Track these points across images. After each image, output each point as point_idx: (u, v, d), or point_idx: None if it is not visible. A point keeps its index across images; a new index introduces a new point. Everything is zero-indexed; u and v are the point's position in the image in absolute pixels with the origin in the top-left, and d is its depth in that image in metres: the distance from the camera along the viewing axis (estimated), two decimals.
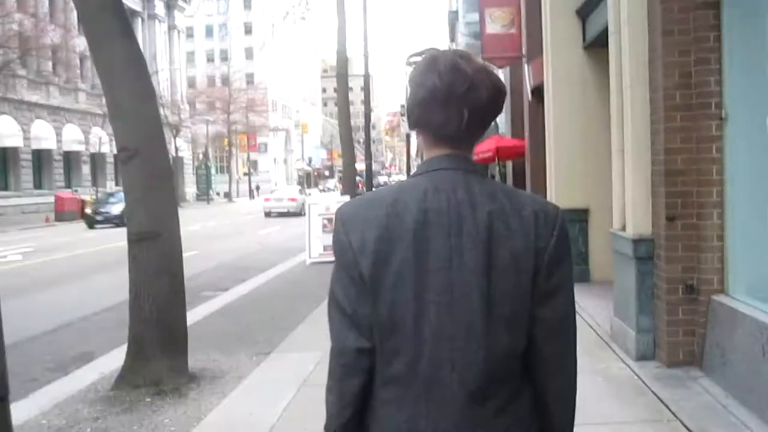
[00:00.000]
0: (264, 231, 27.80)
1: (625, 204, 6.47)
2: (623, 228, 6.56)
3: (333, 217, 11.30)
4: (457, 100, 1.60)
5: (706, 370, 5.67)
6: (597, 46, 10.25)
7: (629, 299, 6.33)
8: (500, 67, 16.96)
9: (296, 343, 7.93)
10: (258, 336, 8.37)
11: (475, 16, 48.98)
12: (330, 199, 16.21)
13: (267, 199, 41.89)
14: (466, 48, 62.62)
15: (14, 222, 39.54)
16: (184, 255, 7.00)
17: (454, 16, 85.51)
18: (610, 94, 9.03)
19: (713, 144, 5.66)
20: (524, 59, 15.10)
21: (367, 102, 25.20)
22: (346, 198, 15.68)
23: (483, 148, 19.40)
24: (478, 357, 1.55)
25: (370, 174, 25.14)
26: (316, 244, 15.30)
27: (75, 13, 53.38)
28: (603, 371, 6.11)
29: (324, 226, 15.29)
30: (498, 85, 1.65)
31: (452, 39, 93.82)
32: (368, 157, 25.45)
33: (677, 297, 5.81)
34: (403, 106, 53.77)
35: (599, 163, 10.36)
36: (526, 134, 15.54)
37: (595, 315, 8.36)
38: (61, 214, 40.90)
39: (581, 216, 10.53)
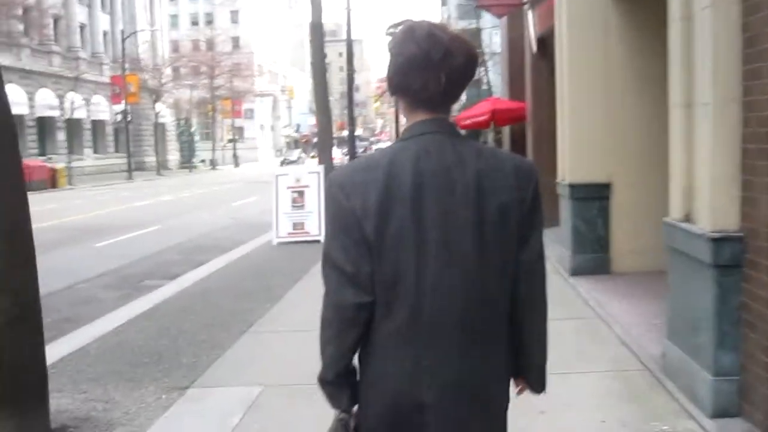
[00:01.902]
0: (238, 202, 25.66)
1: (694, 183, 4.40)
2: (688, 218, 4.50)
3: (303, 190, 8.91)
4: (435, 66, 1.75)
5: None
6: None
7: (700, 323, 4.29)
8: (498, 15, 14.85)
9: (229, 369, 5.88)
10: (182, 355, 6.31)
11: None
12: (301, 171, 14.07)
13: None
14: (458, 9, 60.33)
15: None
16: (144, 230, 4.87)
17: None
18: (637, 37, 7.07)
19: None
20: (526, 6, 12.95)
21: (349, 61, 23.10)
22: (320, 168, 13.57)
23: (477, 112, 17.29)
24: (474, 301, 1.77)
25: (352, 140, 23.13)
26: (284, 222, 13.21)
27: None
28: None
29: (294, 200, 13.19)
30: (472, 51, 1.82)
31: (443, 2, 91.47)
32: (351, 122, 23.39)
33: None
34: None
35: (625, 128, 8.32)
36: (528, 95, 13.43)
37: (629, 327, 6.34)
38: (29, 183, 38.31)
39: (601, 193, 8.47)
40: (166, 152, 69.18)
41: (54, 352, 6.68)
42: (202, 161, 76.70)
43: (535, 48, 11.88)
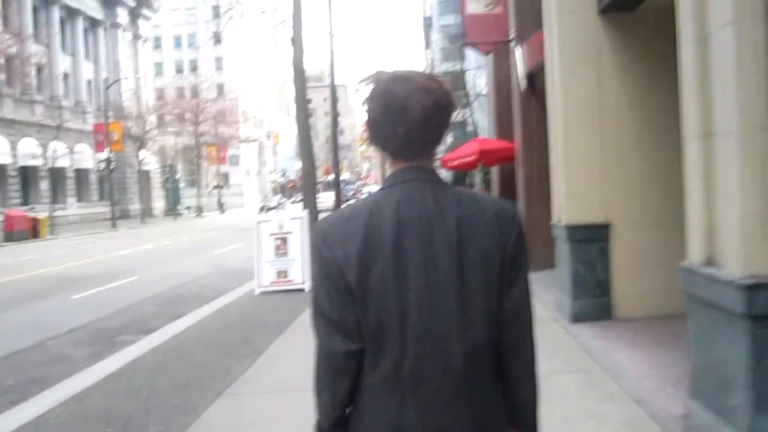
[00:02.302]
0: (221, 250, 25.06)
1: (717, 222, 3.92)
2: (711, 262, 4.00)
3: (286, 237, 8.40)
4: (392, 121, 1.77)
5: None
6: (617, 9, 7.79)
7: (732, 382, 3.78)
8: (485, 53, 14.49)
9: None
10: (151, 422, 5.71)
11: (450, 19, 46.72)
12: (283, 217, 13.54)
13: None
14: (441, 53, 60.45)
15: None
16: (123, 281, 4.42)
17: (428, 23, 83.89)
18: (635, 68, 6.71)
19: None
20: (513, 42, 12.63)
21: (333, 105, 22.75)
22: (304, 213, 13.05)
23: (464, 152, 16.91)
24: (457, 350, 1.73)
25: (338, 184, 22.69)
26: (266, 270, 12.64)
27: (30, 19, 50.86)
28: None
29: (277, 248, 12.65)
30: (438, 102, 1.78)
31: (427, 45, 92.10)
32: (336, 166, 22.97)
33: None
34: None
35: (623, 164, 7.89)
36: (517, 134, 13.04)
37: (639, 381, 5.80)
38: (10, 233, 37.80)
39: (600, 234, 8.00)
40: (151, 199, 68.65)
41: (12, 420, 6.11)
42: (188, 208, 76.14)
43: (524, 85, 11.51)
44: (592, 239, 7.94)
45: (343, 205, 2.12)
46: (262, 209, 59.19)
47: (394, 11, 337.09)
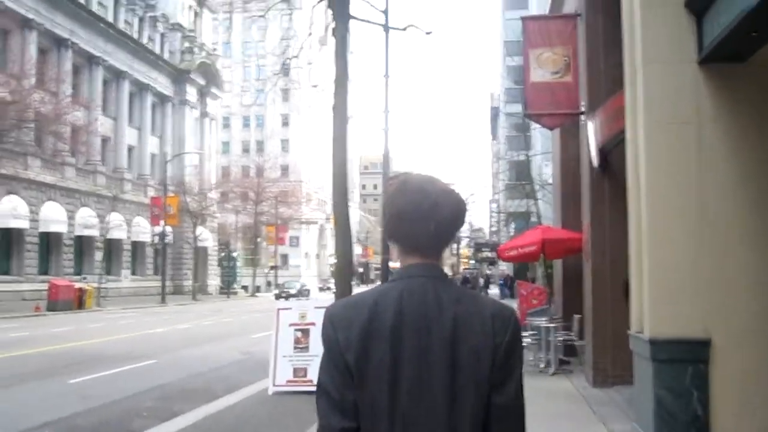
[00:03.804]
0: (259, 334, 23.27)
1: None
2: None
3: (308, 328, 6.38)
4: (424, 217, 1.89)
5: None
6: (724, 59, 5.96)
7: None
8: (550, 127, 12.74)
9: None
10: None
11: (517, 107, 45.58)
12: (306, 305, 11.78)
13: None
14: (507, 141, 59.24)
15: (2, 309, 35.75)
16: (137, 364, 2.85)
17: (495, 113, 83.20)
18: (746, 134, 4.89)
19: None
20: (583, 117, 10.86)
21: (384, 182, 21.28)
22: (330, 298, 11.24)
23: (523, 242, 14.99)
24: None
25: (385, 270, 21.12)
26: (283, 366, 10.80)
27: (100, 92, 51.50)
28: None
29: (296, 340, 10.83)
30: (460, 203, 1.96)
31: (494, 136, 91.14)
32: (385, 250, 21.35)
33: None
34: None
35: (729, 261, 5.91)
36: (586, 223, 11.13)
37: None
38: (54, 303, 36.96)
39: (697, 353, 5.96)
40: (206, 276, 67.90)
41: None
42: (243, 287, 75.15)
43: (596, 162, 9.64)
44: (685, 360, 5.91)
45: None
46: (278, 296, 54.90)
47: (461, 101, 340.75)
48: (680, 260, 5.99)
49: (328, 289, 67.61)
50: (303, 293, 54.66)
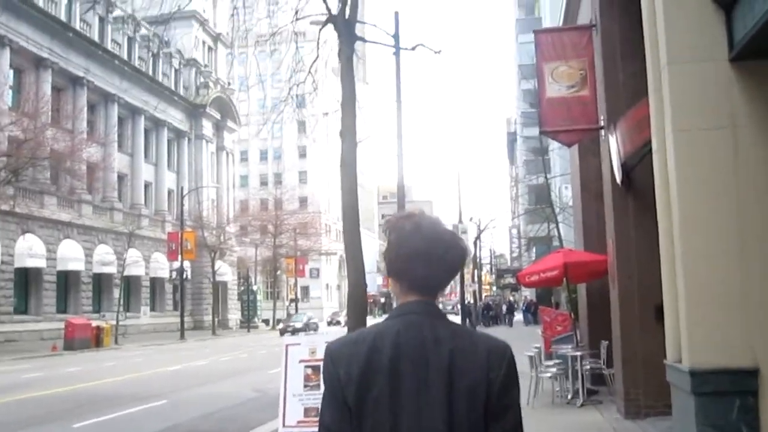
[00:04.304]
0: (274, 370, 22.67)
1: None
2: None
3: (318, 364, 5.72)
4: (437, 259, 1.98)
5: None
6: (757, 54, 5.37)
7: None
8: (567, 144, 12.13)
9: None
10: None
11: (534, 131, 44.95)
12: (317, 340, 11.12)
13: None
14: (525, 166, 58.56)
15: (20, 350, 35.40)
16: (145, 405, 2.45)
17: (512, 138, 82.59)
18: None
19: None
20: (603, 131, 10.26)
21: (400, 207, 20.70)
22: (341, 333, 10.59)
23: (545, 266, 14.32)
24: None
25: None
26: (293, 406, 10.02)
27: (116, 128, 51.48)
28: None
29: (307, 378, 10.03)
30: (466, 249, 2.11)
31: (511, 161, 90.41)
32: None
33: None
34: (455, 227, 49.45)
35: None
36: (610, 242, 10.47)
37: None
38: (71, 341, 36.52)
39: (744, 384, 5.27)
40: (227, 311, 67.44)
41: None
42: (264, 321, 74.57)
43: (619, 177, 9.01)
44: (731, 392, 5.23)
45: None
46: (283, 331, 48.47)
47: (478, 126, 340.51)
48: (720, 279, 5.33)
49: (338, 323, 65.58)
50: (310, 327, 50.76)
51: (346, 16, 12.57)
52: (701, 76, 5.57)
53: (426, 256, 1.96)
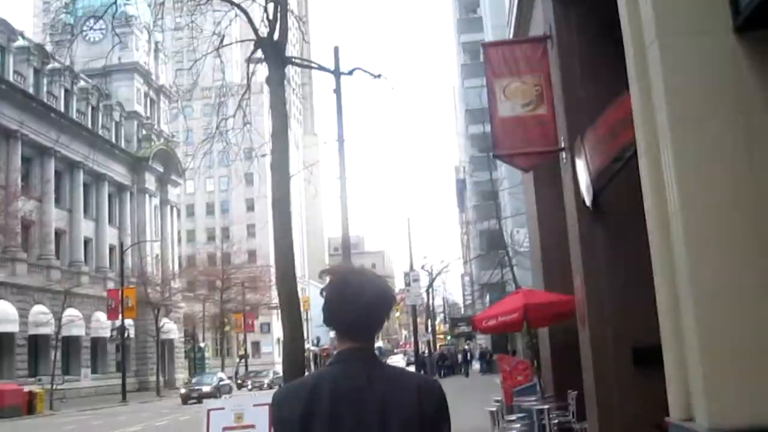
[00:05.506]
0: None
1: None
2: None
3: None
4: (347, 305, 2.21)
5: None
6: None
7: None
8: (524, 168, 10.94)
9: None
10: None
11: (484, 175, 44.03)
12: (243, 403, 9.61)
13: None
14: (475, 210, 57.67)
15: None
16: None
17: (461, 186, 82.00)
18: None
19: None
20: (564, 154, 9.08)
21: (345, 258, 19.33)
22: (268, 396, 9.09)
23: (503, 309, 13.03)
24: None
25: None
26: None
27: (51, 185, 49.34)
28: None
29: None
30: (383, 290, 2.28)
31: (461, 208, 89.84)
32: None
33: None
34: (406, 275, 48.27)
35: None
36: (578, 279, 9.21)
37: None
38: (0, 409, 33.91)
39: None
40: (173, 370, 64.71)
41: None
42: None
43: (589, 200, 7.76)
44: None
45: None
46: (187, 399, 39.58)
47: (428, 173, 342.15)
48: (745, 312, 4.04)
49: (248, 386, 55.95)
50: (222, 390, 40.41)
51: (275, 38, 11.33)
52: (700, 51, 4.36)
53: (336, 303, 2.22)
